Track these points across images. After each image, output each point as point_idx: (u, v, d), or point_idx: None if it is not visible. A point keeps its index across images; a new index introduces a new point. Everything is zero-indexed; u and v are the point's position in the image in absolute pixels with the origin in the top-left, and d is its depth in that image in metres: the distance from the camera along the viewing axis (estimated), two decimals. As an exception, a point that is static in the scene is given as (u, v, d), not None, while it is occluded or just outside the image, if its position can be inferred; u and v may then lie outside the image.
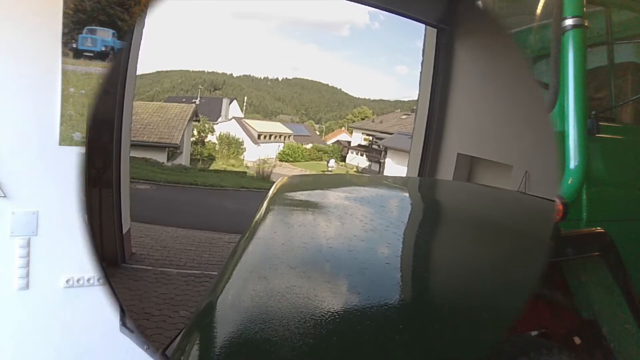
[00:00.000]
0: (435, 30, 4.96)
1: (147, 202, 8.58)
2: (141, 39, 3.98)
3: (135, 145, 15.06)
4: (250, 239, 0.91)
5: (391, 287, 0.74)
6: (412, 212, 1.39)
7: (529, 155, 4.20)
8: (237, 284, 0.73)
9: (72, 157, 2.52)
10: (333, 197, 1.43)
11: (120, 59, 3.65)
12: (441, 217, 1.35)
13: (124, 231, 4.11)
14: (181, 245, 5.00)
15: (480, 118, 4.74)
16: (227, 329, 0.59)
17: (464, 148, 4.94)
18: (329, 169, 28.09)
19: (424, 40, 5.16)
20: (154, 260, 4.44)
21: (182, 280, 3.99)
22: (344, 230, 1.04)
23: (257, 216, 1.07)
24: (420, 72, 5.24)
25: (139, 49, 3.94)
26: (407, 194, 1.64)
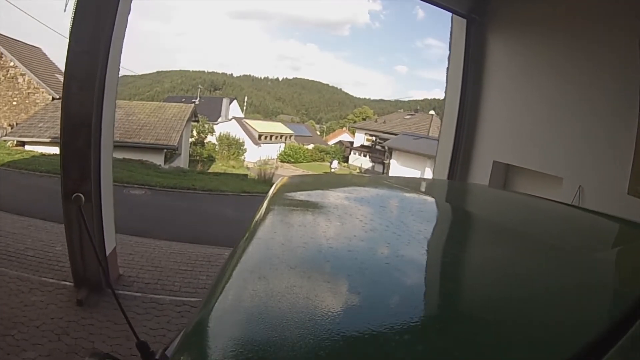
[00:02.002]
0: (465, 20, 4.36)
1: (140, 209, 8.00)
2: (124, 34, 3.42)
3: (130, 147, 14.53)
4: (250, 239, 0.89)
5: (391, 287, 0.71)
6: (412, 212, 1.28)
7: (578, 166, 3.66)
8: (237, 284, 0.71)
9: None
10: (333, 197, 1.37)
11: (97, 54, 3.08)
12: (443, 217, 1.27)
13: (108, 252, 3.53)
14: (175, 264, 4.34)
15: (519, 121, 4.15)
16: (227, 329, 0.59)
17: (500, 155, 4.36)
18: (332, 169, 27.70)
19: (451, 31, 4.57)
20: (144, 285, 3.88)
21: (176, 310, 3.44)
22: (344, 230, 1.01)
23: (257, 216, 1.05)
24: (447, 68, 4.65)
25: (122, 44, 3.37)
26: (407, 194, 1.52)
